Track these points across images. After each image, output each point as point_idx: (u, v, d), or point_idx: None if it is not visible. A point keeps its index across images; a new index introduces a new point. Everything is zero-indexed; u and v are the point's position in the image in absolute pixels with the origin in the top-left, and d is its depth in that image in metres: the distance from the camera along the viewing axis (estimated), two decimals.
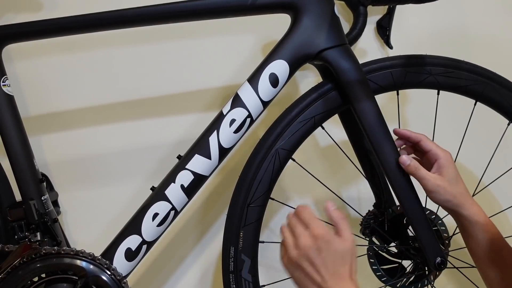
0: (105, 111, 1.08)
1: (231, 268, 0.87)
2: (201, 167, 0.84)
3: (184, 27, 0.93)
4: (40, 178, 0.90)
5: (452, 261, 0.99)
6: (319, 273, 0.67)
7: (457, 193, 0.82)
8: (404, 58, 0.90)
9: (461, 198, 0.82)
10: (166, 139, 1.10)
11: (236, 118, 0.84)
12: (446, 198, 0.81)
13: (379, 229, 0.96)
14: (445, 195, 0.81)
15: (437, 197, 0.82)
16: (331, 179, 1.17)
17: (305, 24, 0.84)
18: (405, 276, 0.95)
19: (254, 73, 0.85)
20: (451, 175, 0.82)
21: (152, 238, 0.86)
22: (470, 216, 0.81)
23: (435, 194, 0.81)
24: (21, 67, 1.05)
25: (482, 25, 1.16)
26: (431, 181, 0.81)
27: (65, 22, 0.85)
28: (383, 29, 1.08)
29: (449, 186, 0.81)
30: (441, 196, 0.81)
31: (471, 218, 0.81)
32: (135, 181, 1.10)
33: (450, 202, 0.81)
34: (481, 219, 0.81)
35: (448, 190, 0.81)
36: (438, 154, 0.83)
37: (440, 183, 0.81)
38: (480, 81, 0.92)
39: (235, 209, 0.87)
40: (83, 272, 0.80)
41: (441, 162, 0.83)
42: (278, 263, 1.18)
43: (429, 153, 0.85)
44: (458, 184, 0.83)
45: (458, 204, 0.81)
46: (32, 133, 0.98)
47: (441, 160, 0.83)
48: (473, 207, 0.82)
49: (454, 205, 0.82)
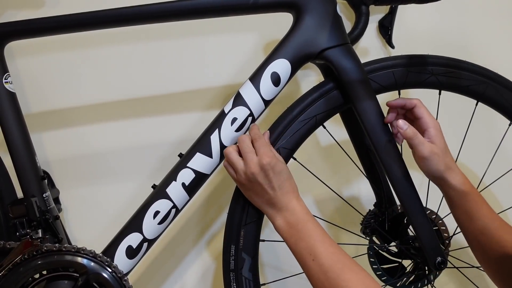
0: (107, 108, 1.08)
1: (232, 266, 0.87)
2: (202, 166, 0.84)
3: (186, 25, 0.93)
4: (42, 175, 0.90)
5: (453, 261, 0.99)
6: (267, 192, 0.80)
7: (447, 162, 0.83)
8: (406, 58, 0.90)
9: (450, 167, 0.83)
10: (168, 137, 1.10)
11: (238, 116, 0.84)
12: (438, 167, 0.82)
13: (379, 229, 0.96)
14: (438, 163, 0.82)
15: (429, 165, 0.82)
16: (332, 178, 1.17)
17: (307, 23, 0.84)
18: (405, 275, 0.96)
19: (256, 72, 0.85)
20: (442, 144, 0.83)
21: (153, 236, 0.86)
22: (457, 185, 0.82)
23: (429, 162, 0.82)
24: (23, 64, 1.05)
25: (484, 25, 1.16)
26: (427, 148, 0.81)
27: (67, 19, 0.85)
28: (385, 28, 1.08)
29: (442, 154, 0.82)
30: (434, 164, 0.82)
31: (458, 187, 0.82)
32: (136, 179, 1.11)
33: (440, 171, 0.82)
34: (467, 189, 0.82)
35: (441, 158, 0.82)
36: (430, 122, 0.84)
37: (435, 151, 0.82)
38: (481, 81, 0.92)
39: (236, 207, 0.87)
40: (84, 270, 0.81)
41: (433, 131, 0.83)
42: (279, 261, 1.19)
43: (420, 120, 0.85)
44: (447, 154, 0.84)
45: (447, 173, 0.82)
46: (34, 130, 0.99)
47: (432, 129, 0.83)
48: (460, 177, 0.83)
49: (443, 174, 0.82)
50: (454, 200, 0.84)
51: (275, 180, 0.79)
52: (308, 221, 0.78)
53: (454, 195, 0.83)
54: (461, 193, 0.83)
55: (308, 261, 0.75)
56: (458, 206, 0.84)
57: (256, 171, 0.79)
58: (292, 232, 0.78)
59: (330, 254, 0.74)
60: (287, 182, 0.80)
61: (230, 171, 0.83)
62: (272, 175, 0.79)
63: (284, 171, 0.80)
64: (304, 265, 0.76)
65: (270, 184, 0.79)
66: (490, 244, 0.81)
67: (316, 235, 0.76)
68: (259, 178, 0.79)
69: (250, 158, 0.79)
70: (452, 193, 0.83)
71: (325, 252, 0.74)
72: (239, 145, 0.82)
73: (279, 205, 0.80)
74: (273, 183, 0.79)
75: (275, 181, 0.79)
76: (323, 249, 0.75)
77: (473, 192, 0.83)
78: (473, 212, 0.82)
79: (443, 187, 0.85)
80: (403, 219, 0.96)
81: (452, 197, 0.84)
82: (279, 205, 0.80)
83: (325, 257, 0.74)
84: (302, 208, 0.79)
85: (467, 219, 0.84)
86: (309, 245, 0.76)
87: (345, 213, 1.18)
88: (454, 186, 0.82)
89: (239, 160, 0.81)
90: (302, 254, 0.76)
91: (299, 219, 0.78)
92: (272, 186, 0.79)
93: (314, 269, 0.74)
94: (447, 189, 0.84)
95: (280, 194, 0.79)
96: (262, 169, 0.78)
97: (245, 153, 0.80)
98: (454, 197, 0.84)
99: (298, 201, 0.80)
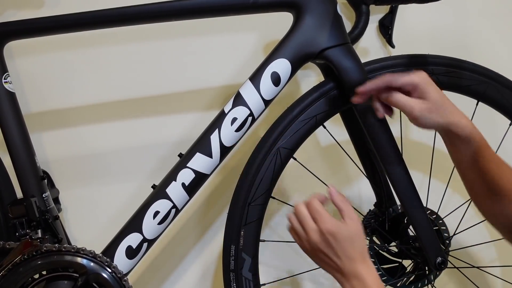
0: (107, 108, 1.08)
1: (232, 266, 0.87)
2: (202, 166, 0.84)
3: (186, 25, 0.93)
4: (41, 175, 0.90)
5: (453, 261, 0.99)
6: (332, 260, 0.74)
7: (446, 112, 0.78)
8: (406, 58, 0.90)
9: (450, 116, 0.78)
10: (168, 137, 1.10)
11: (238, 116, 0.84)
12: (434, 120, 0.78)
13: (379, 229, 0.96)
14: (432, 118, 0.78)
15: (425, 122, 0.78)
16: (332, 178, 1.17)
17: (307, 23, 0.84)
18: (405, 275, 0.96)
19: (256, 71, 0.85)
20: (435, 96, 0.78)
21: (153, 236, 0.86)
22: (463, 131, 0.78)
23: (421, 120, 0.78)
24: (22, 64, 1.05)
25: (484, 25, 1.16)
26: (415, 108, 0.77)
27: (67, 19, 0.85)
28: (385, 28, 1.08)
29: (435, 107, 0.78)
30: (428, 120, 0.78)
31: (463, 133, 0.78)
32: (136, 179, 1.10)
33: (439, 123, 0.78)
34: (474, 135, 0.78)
35: (435, 111, 0.78)
36: (414, 81, 0.78)
37: (425, 106, 0.77)
38: (482, 81, 0.92)
39: (236, 207, 0.87)
40: (83, 270, 0.81)
41: (421, 88, 0.78)
42: (278, 261, 1.19)
43: (406, 85, 0.79)
44: (444, 103, 0.78)
45: (448, 122, 0.78)
46: (34, 130, 0.98)
47: (420, 85, 0.78)
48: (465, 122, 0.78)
49: (445, 123, 0.78)
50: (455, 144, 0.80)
51: (339, 248, 0.74)
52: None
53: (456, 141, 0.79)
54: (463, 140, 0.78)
55: None
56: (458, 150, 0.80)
57: (318, 240, 0.74)
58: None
59: None
60: (352, 247, 0.74)
61: (295, 238, 0.80)
62: (334, 243, 0.74)
63: (348, 237, 0.74)
64: None
65: (334, 252, 0.74)
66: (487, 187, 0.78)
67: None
68: (321, 246, 0.74)
69: (310, 228, 0.76)
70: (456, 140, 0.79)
71: None
72: (295, 213, 0.78)
73: (346, 273, 0.74)
74: (336, 251, 0.74)
75: (339, 249, 0.74)
76: None
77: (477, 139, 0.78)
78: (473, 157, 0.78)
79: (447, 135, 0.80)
80: (403, 219, 0.95)
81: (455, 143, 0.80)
82: (346, 273, 0.74)
83: None
84: (373, 278, 0.73)
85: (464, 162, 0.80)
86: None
87: None
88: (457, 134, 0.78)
89: (300, 228, 0.77)
90: None
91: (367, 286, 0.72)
92: (336, 254, 0.74)
93: None
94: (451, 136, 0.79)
95: (347, 263, 0.74)
96: (323, 237, 0.74)
97: (302, 221, 0.77)
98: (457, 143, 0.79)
99: (368, 268, 0.74)
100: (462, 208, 1.04)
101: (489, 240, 1.19)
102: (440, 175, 1.08)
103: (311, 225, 0.76)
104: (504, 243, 1.22)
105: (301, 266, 1.09)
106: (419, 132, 1.14)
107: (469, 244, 1.13)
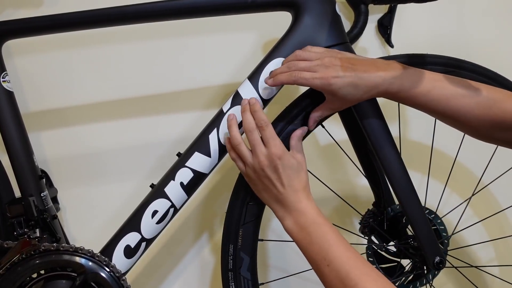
0: (105, 108, 1.08)
1: (230, 266, 0.87)
2: (200, 165, 0.84)
3: (185, 24, 0.93)
4: (40, 175, 0.90)
5: (451, 261, 0.99)
6: (275, 186, 0.76)
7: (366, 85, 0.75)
8: (405, 57, 0.90)
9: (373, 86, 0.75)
10: (166, 136, 1.10)
11: (237, 115, 0.84)
12: (358, 97, 0.76)
13: (378, 228, 0.96)
14: (352, 100, 0.77)
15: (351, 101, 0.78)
16: (331, 177, 1.17)
17: (306, 22, 0.84)
18: (404, 275, 0.96)
19: (255, 71, 0.85)
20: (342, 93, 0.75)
21: (151, 235, 0.86)
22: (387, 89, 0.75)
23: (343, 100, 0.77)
24: (21, 63, 1.05)
25: (483, 24, 1.16)
26: (325, 113, 0.81)
27: (66, 18, 0.85)
28: (384, 27, 1.08)
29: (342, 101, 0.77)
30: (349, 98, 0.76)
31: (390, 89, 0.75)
32: (134, 178, 1.10)
33: (363, 97, 0.77)
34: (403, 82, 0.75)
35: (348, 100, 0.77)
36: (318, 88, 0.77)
37: (334, 107, 0.80)
38: (480, 80, 0.92)
39: (234, 207, 0.87)
40: (82, 269, 0.81)
41: (325, 92, 0.78)
42: (277, 261, 1.19)
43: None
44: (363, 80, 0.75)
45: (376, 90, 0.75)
46: (32, 129, 0.98)
47: (323, 91, 0.78)
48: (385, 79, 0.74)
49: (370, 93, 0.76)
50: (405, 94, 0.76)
51: (284, 175, 0.75)
52: (320, 223, 0.74)
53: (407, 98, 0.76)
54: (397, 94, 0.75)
55: (322, 266, 0.71)
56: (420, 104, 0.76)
57: (265, 164, 0.76)
58: (303, 234, 0.74)
59: (347, 259, 0.69)
60: (297, 178, 0.76)
61: (239, 164, 0.81)
62: (281, 169, 0.75)
63: (294, 165, 0.77)
64: (318, 271, 0.72)
65: (279, 179, 0.76)
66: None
67: (330, 238, 0.72)
68: (268, 171, 0.76)
69: (260, 150, 0.76)
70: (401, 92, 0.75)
71: (341, 257, 0.70)
72: (248, 137, 0.79)
73: (288, 204, 0.76)
74: (282, 178, 0.76)
75: (284, 176, 0.76)
76: (338, 254, 0.70)
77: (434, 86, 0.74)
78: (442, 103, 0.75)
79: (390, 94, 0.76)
80: (402, 219, 0.95)
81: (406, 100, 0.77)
82: (288, 203, 0.76)
83: (341, 262, 0.69)
84: (313, 209, 0.75)
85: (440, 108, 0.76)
86: (323, 249, 0.71)
87: (344, 212, 1.17)
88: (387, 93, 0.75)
89: (248, 152, 0.78)
90: (315, 259, 0.72)
91: (310, 221, 0.74)
92: (281, 182, 0.76)
93: (330, 276, 0.69)
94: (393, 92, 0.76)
95: (290, 192, 0.76)
96: (271, 161, 0.76)
97: (253, 145, 0.77)
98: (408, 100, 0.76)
99: (309, 201, 0.76)
100: (460, 208, 1.04)
101: (487, 239, 1.20)
102: (438, 174, 1.08)
103: (261, 148, 0.77)
104: (503, 243, 1.22)
105: (300, 265, 1.09)
106: (417, 132, 1.15)
107: (468, 243, 1.14)
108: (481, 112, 0.74)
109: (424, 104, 0.76)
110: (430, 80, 0.76)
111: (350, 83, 0.75)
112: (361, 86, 0.75)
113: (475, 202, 0.96)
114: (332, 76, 0.75)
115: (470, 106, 0.74)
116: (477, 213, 1.18)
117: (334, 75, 0.75)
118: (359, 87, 0.75)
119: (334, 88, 0.75)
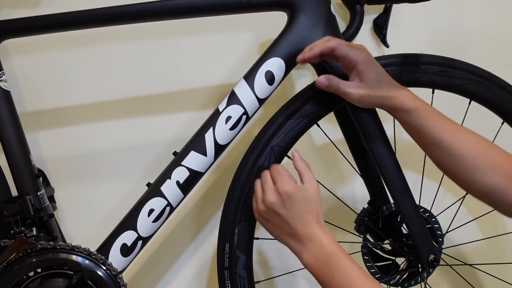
0: (102, 107, 1.08)
1: (226, 264, 0.88)
2: (196, 164, 0.85)
3: (181, 24, 0.93)
4: (36, 174, 0.90)
5: (445, 259, 1.00)
6: (287, 223, 0.75)
7: (384, 90, 0.78)
8: (400, 57, 0.91)
9: (389, 93, 0.78)
10: (163, 136, 1.10)
11: (232, 115, 0.84)
12: (372, 101, 0.79)
13: (373, 227, 0.97)
14: (370, 99, 0.79)
15: (364, 103, 0.80)
16: (326, 176, 1.17)
17: (301, 22, 0.84)
18: (398, 273, 0.96)
19: (250, 70, 0.85)
20: (372, 78, 0.78)
21: (147, 234, 0.86)
22: (403, 104, 0.78)
23: (362, 104, 0.80)
24: (18, 63, 1.05)
25: (478, 24, 1.16)
26: (353, 94, 0.79)
27: (63, 17, 0.85)
28: (379, 27, 1.09)
29: (372, 90, 0.78)
30: (367, 102, 0.79)
31: (404, 106, 0.78)
32: (131, 177, 1.11)
33: (378, 103, 0.79)
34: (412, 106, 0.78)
35: (372, 94, 0.78)
36: (356, 58, 0.78)
37: (362, 92, 0.78)
38: (474, 80, 0.93)
39: (230, 205, 0.88)
40: (78, 267, 0.81)
41: (360, 68, 0.78)
42: (273, 260, 1.19)
43: (345, 59, 0.78)
44: (382, 82, 0.79)
45: (387, 98, 0.78)
46: (29, 128, 0.98)
47: (360, 65, 0.78)
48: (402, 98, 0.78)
49: (384, 102, 0.79)
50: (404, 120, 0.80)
51: (294, 210, 0.74)
52: (337, 254, 0.72)
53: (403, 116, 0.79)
54: (408, 111, 0.78)
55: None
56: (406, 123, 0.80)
57: (273, 200, 0.75)
58: (323, 268, 0.72)
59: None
60: (308, 211, 0.75)
61: (253, 204, 0.81)
62: (289, 204, 0.74)
63: (304, 199, 0.75)
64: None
65: (288, 214, 0.74)
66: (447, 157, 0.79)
67: (351, 271, 0.71)
68: (277, 207, 0.75)
69: (268, 187, 0.76)
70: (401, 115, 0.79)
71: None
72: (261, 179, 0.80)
73: (302, 238, 0.74)
74: (291, 213, 0.74)
75: (294, 211, 0.74)
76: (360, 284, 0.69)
77: (422, 108, 0.78)
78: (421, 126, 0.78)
79: (392, 111, 0.80)
80: (397, 217, 0.96)
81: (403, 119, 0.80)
82: (301, 238, 0.74)
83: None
84: (329, 240, 0.73)
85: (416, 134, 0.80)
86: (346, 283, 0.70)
87: (339, 211, 1.18)
88: (400, 106, 0.78)
89: (259, 190, 0.79)
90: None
91: (328, 253, 0.72)
92: (292, 217, 0.74)
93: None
94: (395, 112, 0.80)
95: (301, 226, 0.74)
96: (279, 197, 0.75)
97: (262, 183, 0.78)
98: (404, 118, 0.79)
99: (322, 231, 0.74)
100: (454, 206, 1.05)
101: (481, 238, 1.21)
102: (433, 173, 1.09)
103: (269, 185, 0.77)
104: (496, 241, 1.23)
105: (295, 264, 1.09)
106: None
107: (462, 242, 1.14)
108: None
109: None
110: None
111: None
112: None
113: (469, 201, 0.96)
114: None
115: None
116: (471, 211, 1.19)
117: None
118: None
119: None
